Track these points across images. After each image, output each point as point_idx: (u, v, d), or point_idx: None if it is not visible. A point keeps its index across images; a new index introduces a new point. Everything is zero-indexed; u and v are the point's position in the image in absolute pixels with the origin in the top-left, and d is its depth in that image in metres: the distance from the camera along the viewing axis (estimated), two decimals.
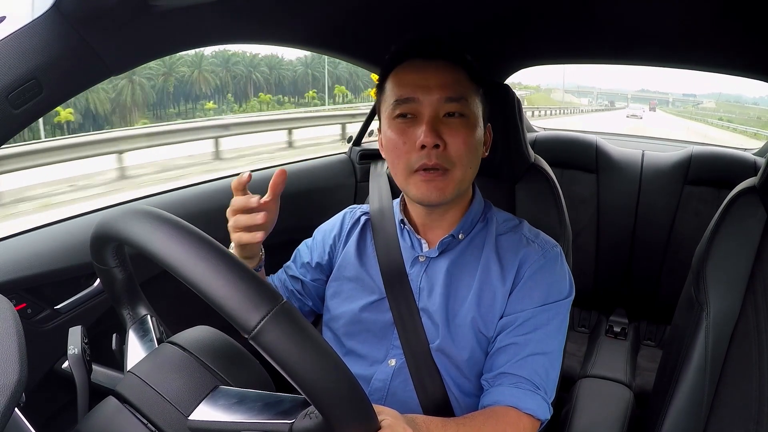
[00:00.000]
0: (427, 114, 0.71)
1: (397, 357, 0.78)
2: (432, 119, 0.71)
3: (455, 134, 0.71)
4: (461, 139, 0.71)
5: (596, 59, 1.47)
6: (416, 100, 0.72)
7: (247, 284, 0.38)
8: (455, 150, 0.71)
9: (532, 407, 0.68)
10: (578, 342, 1.74)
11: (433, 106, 0.71)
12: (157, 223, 0.42)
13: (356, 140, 1.54)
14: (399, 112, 0.73)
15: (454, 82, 0.72)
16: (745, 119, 49.71)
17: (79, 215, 0.96)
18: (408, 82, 0.73)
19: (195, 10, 0.69)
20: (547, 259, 0.76)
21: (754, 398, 0.76)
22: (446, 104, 0.71)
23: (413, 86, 0.72)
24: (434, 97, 0.71)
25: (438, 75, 0.72)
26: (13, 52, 0.54)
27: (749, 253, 0.80)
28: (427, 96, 0.71)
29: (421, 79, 0.72)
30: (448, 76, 0.72)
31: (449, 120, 0.72)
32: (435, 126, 0.70)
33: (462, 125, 0.72)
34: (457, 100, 0.72)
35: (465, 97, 0.72)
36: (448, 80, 0.72)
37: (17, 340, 0.39)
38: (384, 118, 0.76)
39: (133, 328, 0.59)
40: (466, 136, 0.72)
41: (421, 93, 0.71)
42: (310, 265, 0.90)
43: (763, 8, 0.75)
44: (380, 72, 0.79)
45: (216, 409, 0.46)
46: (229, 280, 0.38)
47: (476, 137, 0.74)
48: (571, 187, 1.73)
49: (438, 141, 0.70)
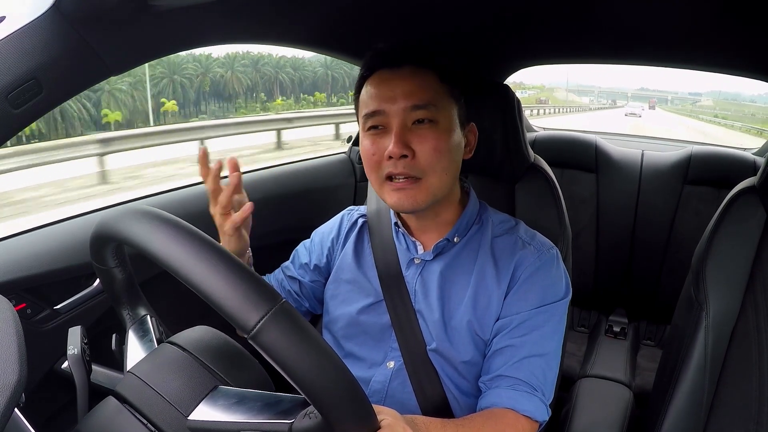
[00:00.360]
0: (395, 124, 0.70)
1: (395, 359, 0.78)
2: (400, 129, 0.70)
3: (424, 141, 0.70)
4: (431, 145, 0.70)
5: (596, 59, 1.47)
6: (383, 112, 0.71)
7: (246, 284, 0.38)
8: (425, 158, 0.70)
9: (529, 409, 0.68)
10: (578, 342, 1.73)
11: (400, 117, 0.70)
12: (157, 224, 0.42)
13: (356, 140, 1.54)
14: (370, 124, 0.73)
15: (420, 88, 0.71)
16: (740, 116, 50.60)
17: (79, 215, 0.96)
18: (375, 95, 0.72)
19: (195, 10, 0.69)
20: (543, 261, 0.75)
21: (754, 398, 0.76)
22: (413, 112, 0.70)
23: (379, 99, 0.72)
24: (400, 107, 0.70)
25: (403, 83, 0.71)
26: (13, 52, 0.54)
27: (749, 253, 0.80)
28: (393, 106, 0.71)
29: (387, 89, 0.72)
30: (414, 84, 0.71)
31: (418, 128, 0.71)
32: (403, 136, 0.70)
33: (431, 132, 0.71)
34: (424, 107, 0.70)
35: (433, 103, 0.71)
36: (413, 88, 0.71)
37: (17, 340, 0.39)
38: (360, 129, 0.76)
39: (132, 329, 0.59)
40: (436, 143, 0.70)
41: (387, 104, 0.71)
42: (309, 267, 0.90)
43: (763, 8, 0.75)
44: (357, 81, 0.78)
45: (215, 409, 0.46)
46: (229, 280, 0.38)
47: (450, 142, 0.72)
48: (570, 187, 1.73)
49: (405, 151, 0.69)
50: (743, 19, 0.83)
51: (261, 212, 0.84)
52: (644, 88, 65.31)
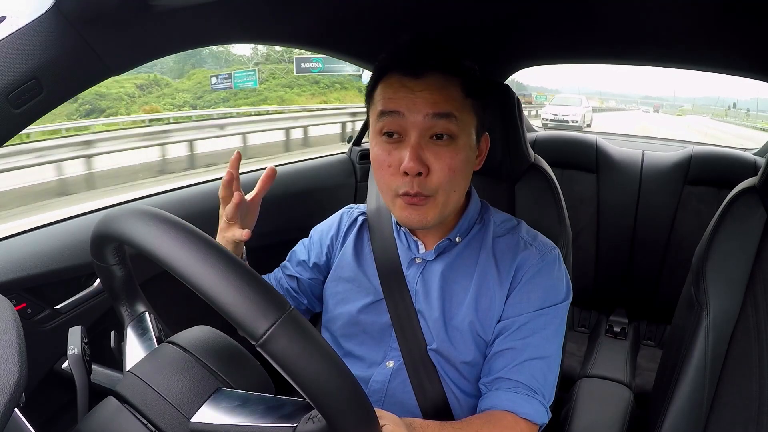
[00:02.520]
0: (413, 136, 0.67)
1: (395, 358, 0.77)
2: (417, 143, 0.67)
3: (440, 159, 0.68)
4: (446, 164, 0.68)
5: (596, 59, 1.47)
6: (402, 114, 0.67)
7: (255, 291, 0.38)
8: (438, 177, 0.68)
9: (529, 412, 0.68)
10: (578, 342, 1.73)
11: (419, 127, 0.67)
12: (164, 227, 0.41)
13: (356, 140, 1.54)
14: (386, 129, 0.69)
15: (444, 99, 0.67)
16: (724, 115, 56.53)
17: (79, 215, 0.96)
18: (394, 96, 0.69)
19: (195, 10, 0.69)
20: (544, 262, 0.75)
21: (754, 398, 0.76)
22: (433, 120, 0.67)
23: (399, 100, 0.68)
24: (420, 115, 0.67)
25: (427, 90, 0.67)
26: (13, 52, 0.54)
27: (749, 253, 0.80)
28: (413, 113, 0.67)
29: (408, 92, 0.68)
30: (437, 94, 0.67)
31: (435, 143, 0.68)
32: (419, 151, 0.67)
33: (448, 149, 0.68)
34: (446, 116, 0.67)
35: (454, 114, 0.68)
36: (436, 98, 0.67)
37: (17, 340, 0.39)
38: (372, 129, 0.73)
39: (131, 326, 0.59)
40: (451, 162, 0.68)
41: (407, 108, 0.67)
42: (307, 264, 0.90)
43: (763, 8, 0.74)
44: (371, 78, 0.75)
45: (218, 412, 0.46)
46: (237, 287, 0.38)
47: (465, 159, 0.70)
48: (571, 187, 1.73)
49: (421, 168, 0.66)
50: (744, 19, 0.83)
51: (261, 212, 0.84)
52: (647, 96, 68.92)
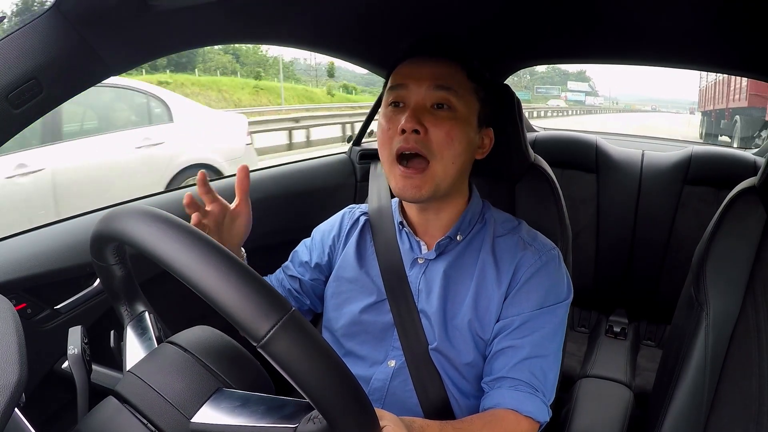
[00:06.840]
0: (413, 101, 0.72)
1: (396, 358, 0.77)
2: (417, 106, 0.72)
3: (438, 124, 0.71)
4: (444, 129, 0.71)
5: (596, 59, 1.46)
6: (406, 86, 0.73)
7: (256, 292, 0.38)
8: (436, 139, 0.71)
9: (531, 410, 0.68)
10: (578, 342, 1.73)
11: (420, 94, 0.72)
12: (165, 227, 0.41)
13: (356, 140, 1.54)
14: (392, 99, 0.75)
15: (447, 74, 0.73)
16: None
17: (79, 215, 0.96)
18: (403, 73, 0.75)
19: (195, 10, 0.69)
20: (544, 262, 0.75)
21: (754, 398, 0.76)
22: (434, 92, 0.72)
23: (406, 75, 0.74)
24: (423, 87, 0.72)
25: (432, 67, 0.73)
26: (13, 52, 0.54)
27: (749, 253, 0.80)
28: (416, 84, 0.72)
29: (415, 69, 0.74)
30: (442, 69, 0.73)
31: (436, 111, 0.72)
32: (419, 113, 0.71)
33: (448, 117, 0.72)
34: (446, 89, 0.72)
35: (454, 89, 0.72)
36: (440, 72, 0.73)
37: (17, 340, 0.39)
38: (382, 107, 0.78)
39: (131, 325, 0.59)
40: (450, 128, 0.71)
41: (412, 81, 0.73)
42: (309, 265, 0.90)
43: (763, 8, 0.74)
44: (386, 72, 0.80)
45: (219, 412, 0.46)
46: (238, 288, 0.38)
47: (465, 132, 0.73)
48: (571, 187, 1.73)
49: (418, 126, 0.70)
50: (744, 19, 0.83)
51: (261, 212, 0.84)
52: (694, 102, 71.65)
